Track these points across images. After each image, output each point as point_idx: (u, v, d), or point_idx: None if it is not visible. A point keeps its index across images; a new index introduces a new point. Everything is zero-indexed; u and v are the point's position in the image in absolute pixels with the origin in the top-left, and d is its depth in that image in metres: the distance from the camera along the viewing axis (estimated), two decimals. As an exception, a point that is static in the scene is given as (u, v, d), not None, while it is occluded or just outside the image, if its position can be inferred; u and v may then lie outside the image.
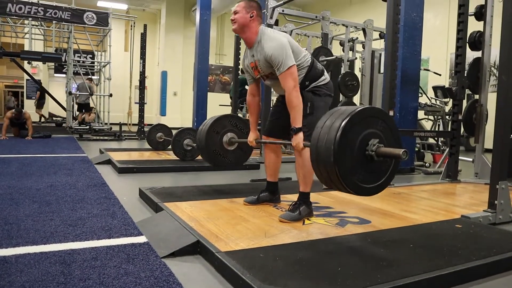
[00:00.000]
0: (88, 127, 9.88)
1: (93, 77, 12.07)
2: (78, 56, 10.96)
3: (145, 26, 9.64)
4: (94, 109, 11.11)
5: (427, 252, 1.85)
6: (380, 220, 2.42)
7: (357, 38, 7.17)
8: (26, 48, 10.30)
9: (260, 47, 2.41)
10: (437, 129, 6.29)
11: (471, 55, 4.07)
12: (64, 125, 12.17)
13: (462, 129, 4.15)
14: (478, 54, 4.05)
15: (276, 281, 1.48)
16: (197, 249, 1.89)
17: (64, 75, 12.31)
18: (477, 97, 4.14)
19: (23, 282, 1.49)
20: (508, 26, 2.57)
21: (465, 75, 3.98)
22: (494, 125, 2.64)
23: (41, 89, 13.62)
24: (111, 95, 10.32)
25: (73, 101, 11.02)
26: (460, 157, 4.12)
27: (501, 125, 2.60)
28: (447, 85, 7.12)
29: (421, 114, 5.96)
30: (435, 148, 6.07)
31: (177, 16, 15.38)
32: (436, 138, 6.08)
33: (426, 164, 5.38)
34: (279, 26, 6.14)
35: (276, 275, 1.54)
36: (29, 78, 13.00)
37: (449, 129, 5.30)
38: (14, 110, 8.05)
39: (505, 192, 2.58)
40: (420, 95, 5.37)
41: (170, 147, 5.19)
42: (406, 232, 2.20)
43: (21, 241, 1.94)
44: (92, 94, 10.56)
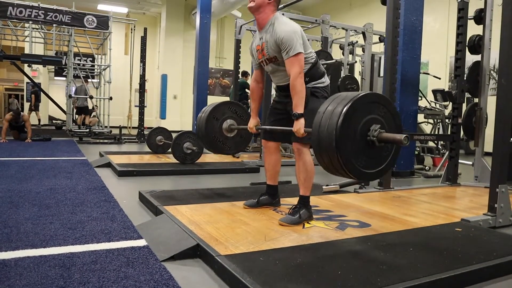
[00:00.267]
0: (88, 130, 9.88)
1: (93, 80, 12.09)
2: (78, 59, 10.97)
3: (145, 29, 9.66)
4: (95, 111, 11.08)
5: (427, 256, 1.85)
6: (380, 224, 2.42)
7: (357, 41, 7.19)
8: (27, 51, 10.31)
9: (271, 29, 2.42)
10: (436, 132, 6.29)
11: (470, 58, 4.08)
12: (64, 128, 12.17)
13: (462, 132, 4.15)
14: (477, 57, 4.06)
15: (276, 285, 1.48)
16: (197, 252, 1.88)
17: (64, 78, 12.32)
18: (476, 100, 4.15)
19: (23, 286, 1.48)
20: (507, 30, 2.58)
21: (465, 78, 3.99)
22: (493, 128, 2.64)
23: (36, 92, 13.67)
24: (111, 98, 10.32)
25: (73, 104, 11.02)
26: (459, 161, 4.12)
27: (500, 128, 2.60)
28: (446, 89, 7.16)
29: (420, 117, 5.98)
30: (435, 151, 6.07)
31: (177, 19, 15.40)
32: (435, 142, 6.08)
33: (426, 168, 5.38)
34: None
35: (276, 278, 1.54)
36: (29, 81, 13.02)
37: (448, 132, 5.31)
38: (12, 112, 8.06)
39: (505, 196, 2.58)
40: (419, 98, 5.38)
41: (170, 150, 5.18)
42: (406, 236, 2.20)
43: (20, 244, 1.94)
44: (91, 97, 10.56)
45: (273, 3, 2.48)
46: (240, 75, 7.26)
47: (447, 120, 6.09)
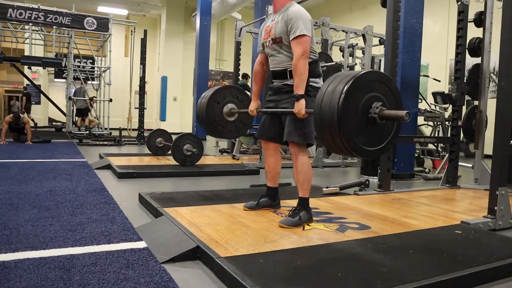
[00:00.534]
0: (88, 132, 9.88)
1: (93, 82, 12.09)
2: (78, 61, 10.99)
3: (145, 31, 9.67)
4: (93, 103, 11.00)
5: (427, 258, 1.84)
6: (380, 226, 2.42)
7: (357, 44, 7.20)
8: (27, 53, 10.32)
9: (285, 11, 2.46)
10: (436, 135, 6.29)
11: (470, 61, 4.09)
12: (63, 130, 12.17)
13: (462, 135, 4.15)
14: (477, 60, 4.06)
15: (276, 287, 1.48)
16: (197, 254, 1.88)
17: (64, 80, 12.33)
18: (476, 103, 4.15)
19: (22, 288, 1.48)
20: (508, 32, 2.58)
21: (465, 81, 4.00)
22: (493, 131, 2.64)
23: (27, 94, 13.69)
24: (111, 100, 10.33)
25: (72, 106, 11.02)
26: (459, 163, 4.12)
27: (500, 131, 2.60)
28: (446, 91, 7.16)
29: (420, 120, 5.98)
30: (435, 154, 6.07)
31: (177, 21, 15.43)
32: (435, 144, 6.08)
33: (426, 170, 5.38)
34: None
35: (276, 281, 1.53)
36: (29, 83, 13.03)
37: (448, 135, 5.31)
38: (12, 114, 8.06)
39: (505, 198, 2.58)
40: (419, 101, 5.39)
41: (170, 152, 5.18)
42: (406, 238, 2.20)
43: (20, 246, 1.94)
44: (91, 99, 10.57)
45: None
46: (240, 77, 7.26)
47: (447, 123, 6.09)
